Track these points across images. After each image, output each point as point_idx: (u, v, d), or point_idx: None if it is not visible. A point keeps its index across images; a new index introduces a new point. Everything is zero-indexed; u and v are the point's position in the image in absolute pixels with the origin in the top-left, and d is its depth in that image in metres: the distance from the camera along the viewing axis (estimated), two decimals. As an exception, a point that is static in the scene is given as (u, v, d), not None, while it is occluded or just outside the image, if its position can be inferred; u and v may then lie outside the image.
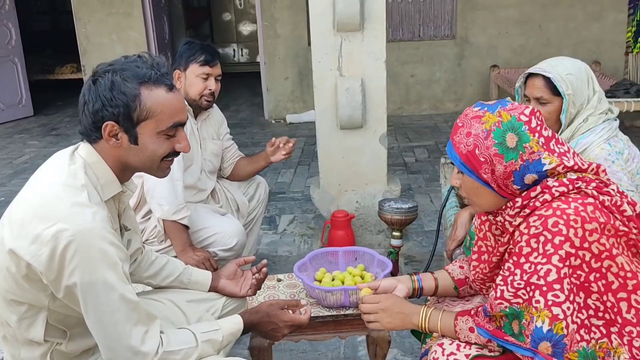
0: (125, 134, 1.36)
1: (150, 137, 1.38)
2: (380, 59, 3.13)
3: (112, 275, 1.28)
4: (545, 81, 1.91)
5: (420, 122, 6.58)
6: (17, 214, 1.32)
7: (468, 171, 1.39)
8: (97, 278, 1.26)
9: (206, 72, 2.46)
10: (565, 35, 6.70)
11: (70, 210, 1.27)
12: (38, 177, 1.40)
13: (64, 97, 8.50)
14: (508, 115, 1.34)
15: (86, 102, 1.35)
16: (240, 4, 10.50)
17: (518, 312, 1.31)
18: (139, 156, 1.40)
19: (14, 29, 7.20)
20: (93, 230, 1.26)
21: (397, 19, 6.81)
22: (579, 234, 1.26)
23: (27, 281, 1.31)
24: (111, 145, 1.37)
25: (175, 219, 2.35)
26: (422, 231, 3.65)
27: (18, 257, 1.28)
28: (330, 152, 3.29)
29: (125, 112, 1.33)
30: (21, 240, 1.28)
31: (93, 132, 1.37)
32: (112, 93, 1.32)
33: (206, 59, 2.45)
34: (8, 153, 5.94)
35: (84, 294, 1.27)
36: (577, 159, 1.38)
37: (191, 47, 2.48)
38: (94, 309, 1.29)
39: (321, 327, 1.97)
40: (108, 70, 1.35)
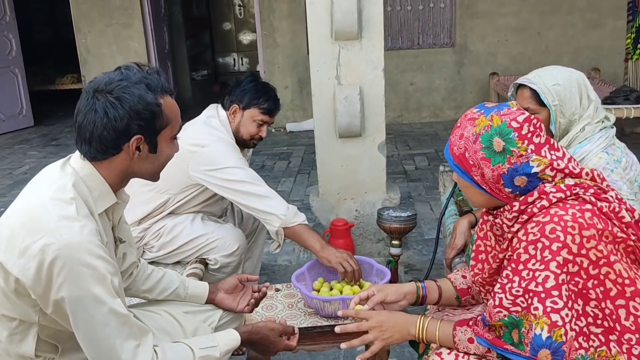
0: (146, 145, 1.37)
1: (166, 143, 1.42)
2: (379, 68, 3.13)
3: (101, 289, 1.27)
4: (531, 92, 1.92)
5: (420, 130, 6.59)
6: (6, 227, 1.31)
7: (461, 172, 1.41)
8: (85, 292, 1.25)
9: (265, 120, 2.45)
10: (564, 42, 6.71)
11: (57, 224, 1.25)
12: (28, 190, 1.39)
13: (64, 107, 8.52)
14: (499, 120, 1.34)
15: (111, 120, 1.30)
16: (240, 13, 10.54)
17: (517, 321, 1.29)
18: (153, 164, 1.42)
19: (14, 40, 7.23)
20: (80, 244, 1.25)
21: (396, 27, 6.83)
22: (577, 241, 1.25)
23: (16, 295, 1.29)
24: (128, 158, 1.37)
25: (298, 222, 2.29)
26: (422, 239, 3.64)
27: (7, 271, 1.27)
28: (329, 161, 3.28)
29: (151, 123, 1.35)
30: (9, 253, 1.27)
31: (111, 149, 1.34)
32: (141, 106, 1.32)
33: (269, 108, 2.43)
34: (8, 163, 5.95)
35: (73, 308, 1.26)
36: (570, 163, 1.37)
37: (258, 90, 2.44)
38: (83, 323, 1.28)
39: (319, 337, 1.96)
40: (127, 85, 1.33)
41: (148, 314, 1.67)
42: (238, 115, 2.45)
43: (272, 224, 2.29)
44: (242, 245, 2.48)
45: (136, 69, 1.40)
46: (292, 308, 2.07)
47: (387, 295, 1.62)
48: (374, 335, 1.51)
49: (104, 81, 1.35)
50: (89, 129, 1.32)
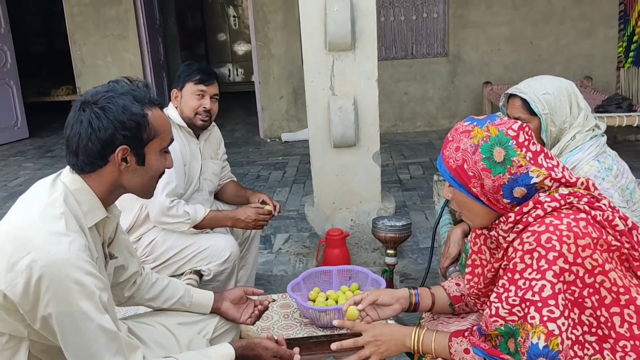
0: (134, 157, 1.37)
1: (155, 156, 1.41)
2: (372, 78, 3.15)
3: (89, 305, 1.26)
4: (522, 101, 1.93)
5: (415, 139, 6.61)
6: None
7: (458, 185, 1.40)
8: (73, 308, 1.24)
9: (201, 89, 2.48)
10: (556, 51, 6.76)
11: (45, 239, 1.25)
12: (18, 206, 1.38)
13: (59, 119, 8.49)
14: (496, 130, 1.35)
15: (95, 130, 1.31)
16: (235, 24, 10.59)
17: (513, 331, 1.30)
18: (142, 177, 1.41)
19: (9, 52, 7.23)
20: (69, 260, 1.24)
21: (390, 38, 6.88)
22: (572, 250, 1.26)
23: (4, 311, 1.28)
24: (116, 170, 1.37)
25: (200, 218, 2.42)
26: (417, 248, 3.65)
27: None
28: (324, 171, 3.29)
29: (137, 133, 1.35)
30: None
31: (97, 160, 1.34)
32: (125, 116, 1.33)
33: (202, 77, 2.49)
34: (3, 176, 5.93)
35: (61, 325, 1.25)
36: (566, 172, 1.38)
37: (189, 67, 2.54)
38: (71, 339, 1.27)
39: (315, 347, 1.96)
40: (112, 96, 1.34)
41: (142, 326, 1.67)
42: (179, 97, 2.52)
43: (182, 229, 2.42)
44: (235, 252, 2.49)
45: (124, 82, 1.41)
46: (288, 318, 2.07)
47: (380, 296, 1.63)
48: (370, 350, 1.52)
49: (90, 94, 1.37)
50: (75, 141, 1.33)
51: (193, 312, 1.79)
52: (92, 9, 6.85)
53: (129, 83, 1.41)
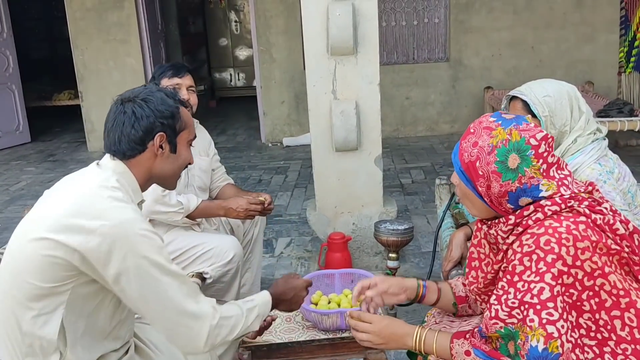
0: (168, 144, 1.55)
1: (184, 146, 1.61)
2: (374, 82, 3.16)
3: (159, 256, 1.40)
4: (523, 104, 1.94)
5: (416, 144, 6.62)
6: (54, 210, 1.39)
7: (465, 180, 1.40)
8: (146, 261, 1.38)
9: (175, 82, 2.54)
10: (557, 56, 6.77)
11: (112, 205, 1.39)
12: (67, 183, 1.51)
13: (61, 123, 8.54)
14: (518, 135, 1.34)
15: (138, 118, 1.50)
16: (237, 29, 10.61)
17: (513, 333, 1.30)
18: (173, 164, 1.59)
19: (11, 56, 7.25)
20: (135, 219, 1.40)
21: (391, 43, 6.90)
22: (571, 252, 1.26)
23: (58, 272, 1.36)
24: (153, 156, 1.53)
25: (193, 208, 2.46)
26: (419, 252, 3.65)
27: (62, 245, 1.34)
28: (326, 175, 3.30)
29: (172, 123, 1.54)
30: (67, 233, 1.35)
31: (137, 146, 1.51)
32: (163, 106, 1.53)
33: (174, 71, 2.57)
34: (5, 180, 5.94)
35: (137, 276, 1.37)
36: (574, 187, 1.38)
37: (160, 67, 2.64)
38: (148, 289, 1.39)
39: (318, 350, 1.96)
40: (150, 91, 1.56)
41: (142, 327, 1.69)
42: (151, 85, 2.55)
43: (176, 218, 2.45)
44: (238, 253, 2.49)
45: (156, 87, 1.64)
46: (290, 321, 2.07)
47: (390, 287, 1.63)
48: (367, 337, 1.55)
49: (128, 93, 1.57)
50: (119, 129, 1.51)
51: None
52: (94, 14, 6.87)
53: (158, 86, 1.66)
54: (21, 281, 1.39)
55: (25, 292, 1.39)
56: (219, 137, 7.41)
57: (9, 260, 1.44)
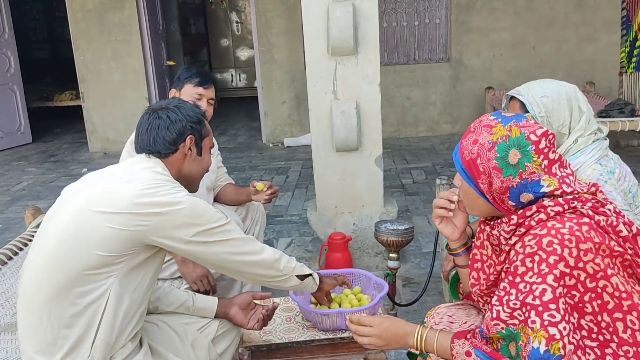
0: (195, 147, 1.72)
1: (206, 151, 1.77)
2: (375, 82, 3.16)
3: (226, 223, 1.60)
4: (520, 104, 1.94)
5: (417, 144, 6.61)
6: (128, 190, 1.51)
7: (467, 178, 1.40)
8: (218, 224, 1.58)
9: (199, 92, 2.54)
10: (558, 57, 6.77)
11: (171, 186, 1.57)
12: (125, 170, 1.64)
13: (62, 124, 8.55)
14: (518, 131, 1.34)
15: (172, 122, 1.67)
16: (238, 30, 10.62)
17: (514, 334, 1.30)
18: (198, 167, 1.74)
19: (13, 57, 7.26)
20: (197, 198, 1.59)
21: (392, 43, 6.90)
22: (574, 254, 1.26)
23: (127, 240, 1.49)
24: (183, 157, 1.69)
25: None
26: (419, 253, 3.64)
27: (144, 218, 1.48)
28: (327, 175, 3.30)
29: (199, 128, 1.72)
30: (148, 207, 1.49)
31: (171, 146, 1.67)
32: (193, 112, 1.71)
33: (200, 80, 2.55)
34: (6, 180, 5.94)
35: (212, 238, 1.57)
36: (576, 185, 1.38)
37: (188, 70, 2.62)
38: (223, 247, 1.60)
39: (317, 350, 1.95)
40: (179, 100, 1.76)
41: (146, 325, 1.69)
42: (177, 97, 2.55)
43: None
44: None
45: None
46: (290, 322, 2.07)
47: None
48: (369, 340, 1.55)
49: (159, 104, 1.73)
50: (154, 132, 1.66)
51: (197, 315, 1.83)
52: (95, 15, 6.88)
53: None
54: (81, 251, 1.47)
55: (86, 262, 1.47)
56: (220, 137, 7.41)
57: (64, 232, 1.50)
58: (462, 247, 1.66)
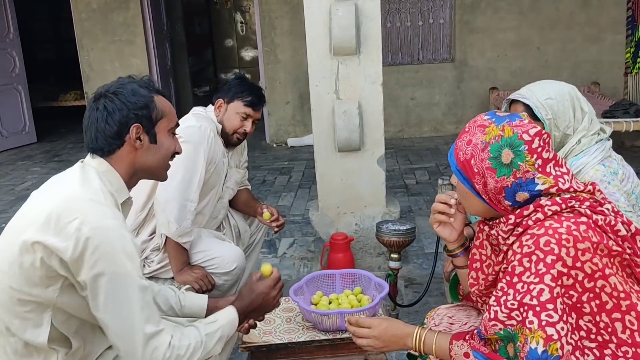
0: (146, 135, 1.52)
1: (164, 135, 1.56)
2: (377, 82, 3.15)
3: (133, 266, 1.37)
4: (525, 107, 1.92)
5: (421, 145, 6.60)
6: (35, 212, 1.38)
7: (463, 178, 1.40)
8: (118, 269, 1.34)
9: (247, 112, 2.48)
10: (563, 57, 6.74)
11: (90, 207, 1.37)
12: (51, 185, 1.48)
13: (67, 124, 8.57)
14: (511, 131, 1.33)
15: (110, 113, 1.47)
16: (242, 30, 10.63)
17: (512, 335, 1.29)
18: (156, 155, 1.55)
19: (17, 57, 7.29)
20: (113, 225, 1.36)
21: (396, 43, 6.88)
22: (571, 254, 1.25)
23: (38, 276, 1.35)
24: (132, 149, 1.50)
25: (179, 242, 2.34)
26: (422, 253, 3.63)
27: (42, 247, 1.33)
28: (329, 175, 3.29)
29: (146, 113, 1.51)
30: (47, 234, 1.33)
31: (114, 141, 1.48)
32: (135, 97, 1.50)
33: (253, 101, 2.48)
34: (10, 179, 5.97)
35: (106, 283, 1.34)
36: (573, 182, 1.37)
37: (242, 84, 2.52)
38: (113, 298, 1.35)
39: (317, 351, 1.95)
40: (122, 84, 1.53)
41: None
42: (223, 108, 2.51)
43: (161, 226, 2.35)
44: (240, 265, 2.48)
45: (130, 76, 1.60)
46: (290, 322, 2.07)
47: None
48: (367, 342, 1.54)
49: (101, 88, 1.54)
50: (93, 127, 1.49)
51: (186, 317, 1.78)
52: (100, 15, 6.90)
53: (134, 77, 1.59)
54: (4, 286, 1.37)
55: (12, 296, 1.37)
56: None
57: None
58: (460, 247, 1.65)
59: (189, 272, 2.35)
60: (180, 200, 2.30)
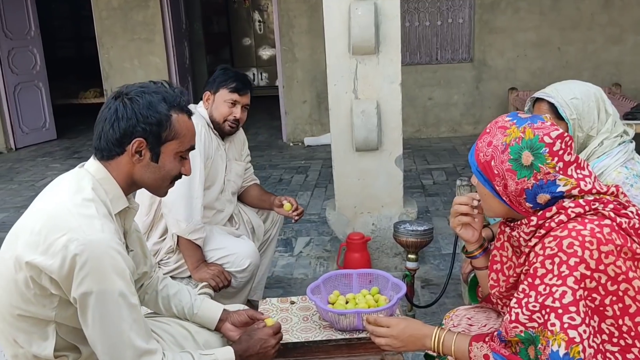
0: (149, 152, 1.43)
1: (169, 157, 1.46)
2: (396, 82, 3.14)
3: (122, 283, 1.32)
4: (549, 106, 1.90)
5: (439, 145, 6.56)
6: (27, 228, 1.35)
7: (483, 180, 1.39)
8: (107, 286, 1.30)
9: (234, 98, 2.50)
10: (584, 58, 6.66)
11: (79, 221, 1.31)
12: (46, 194, 1.43)
13: (86, 121, 8.64)
14: (532, 133, 1.32)
15: (118, 118, 1.39)
16: (260, 29, 10.66)
17: (533, 337, 1.28)
18: (154, 174, 1.46)
19: (39, 55, 7.38)
20: (102, 240, 1.30)
21: (414, 43, 6.85)
22: (595, 256, 1.24)
23: (38, 291, 1.32)
24: (131, 162, 1.42)
25: (191, 239, 2.35)
26: (439, 254, 3.61)
27: (31, 267, 1.30)
28: (346, 174, 3.28)
29: (156, 130, 1.41)
30: (33, 252, 1.30)
31: (115, 147, 1.41)
32: (149, 111, 1.40)
33: (237, 86, 2.50)
34: (31, 175, 6.05)
35: (95, 301, 1.30)
36: (596, 183, 1.35)
37: (225, 73, 2.54)
38: (101, 316, 1.31)
39: (334, 350, 1.94)
40: (143, 91, 1.42)
41: (156, 323, 1.68)
42: (210, 100, 2.53)
43: (171, 226, 2.36)
44: (254, 262, 2.49)
45: (162, 84, 1.49)
46: (307, 321, 2.06)
47: None
48: (385, 341, 1.55)
49: (126, 87, 1.46)
50: (100, 125, 1.42)
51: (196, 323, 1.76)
52: (120, 13, 6.97)
53: (166, 86, 1.48)
54: (5, 302, 1.37)
55: (12, 312, 1.36)
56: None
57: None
58: (479, 249, 1.64)
59: (205, 270, 2.37)
60: (186, 198, 2.32)
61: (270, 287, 3.25)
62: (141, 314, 1.39)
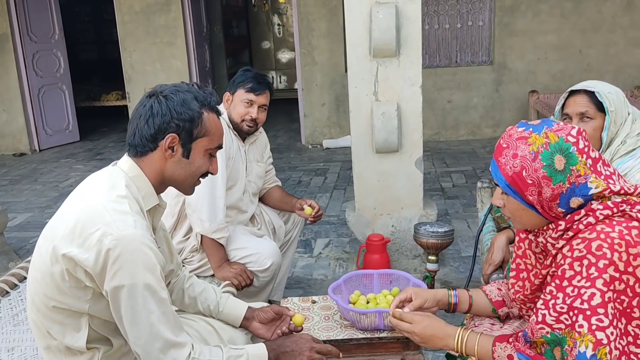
0: (181, 148, 1.48)
1: (199, 154, 1.51)
2: (416, 84, 3.15)
3: (152, 278, 1.36)
4: (589, 97, 1.90)
5: (458, 148, 6.55)
6: (63, 222, 1.39)
7: (513, 193, 1.37)
8: (138, 280, 1.34)
9: (250, 98, 2.53)
10: (606, 60, 6.60)
11: (113, 217, 1.35)
12: (81, 191, 1.48)
13: (108, 123, 8.78)
14: (555, 136, 1.32)
15: (153, 114, 1.45)
16: (279, 32, 10.72)
17: (560, 339, 1.27)
18: (185, 170, 1.51)
19: (62, 58, 7.51)
20: (135, 235, 1.35)
21: (434, 46, 6.85)
22: (624, 258, 1.23)
23: (68, 286, 1.37)
24: (163, 157, 1.47)
25: (215, 238, 2.39)
26: (459, 257, 3.61)
27: (67, 259, 1.34)
28: (366, 176, 3.30)
29: (188, 126, 1.47)
30: (70, 245, 1.35)
31: (149, 143, 1.46)
32: (183, 108, 1.46)
33: (253, 86, 2.53)
34: (55, 176, 6.15)
35: (126, 295, 1.34)
36: (622, 182, 1.35)
37: (244, 74, 2.58)
38: (133, 310, 1.36)
39: (355, 349, 1.95)
40: (177, 90, 1.49)
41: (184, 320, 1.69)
42: (230, 101, 2.57)
43: (195, 226, 2.40)
44: (276, 262, 2.51)
45: (193, 85, 1.55)
46: (329, 320, 2.08)
47: (426, 301, 1.67)
48: (407, 336, 1.58)
49: (160, 86, 1.52)
50: (135, 122, 1.47)
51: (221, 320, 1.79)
52: (142, 17, 7.06)
53: (197, 87, 1.54)
54: (40, 294, 1.41)
55: (47, 303, 1.41)
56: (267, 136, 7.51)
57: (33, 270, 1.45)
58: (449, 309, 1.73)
59: (228, 268, 2.40)
60: (209, 198, 2.36)
61: (290, 287, 3.27)
62: (171, 308, 1.42)
